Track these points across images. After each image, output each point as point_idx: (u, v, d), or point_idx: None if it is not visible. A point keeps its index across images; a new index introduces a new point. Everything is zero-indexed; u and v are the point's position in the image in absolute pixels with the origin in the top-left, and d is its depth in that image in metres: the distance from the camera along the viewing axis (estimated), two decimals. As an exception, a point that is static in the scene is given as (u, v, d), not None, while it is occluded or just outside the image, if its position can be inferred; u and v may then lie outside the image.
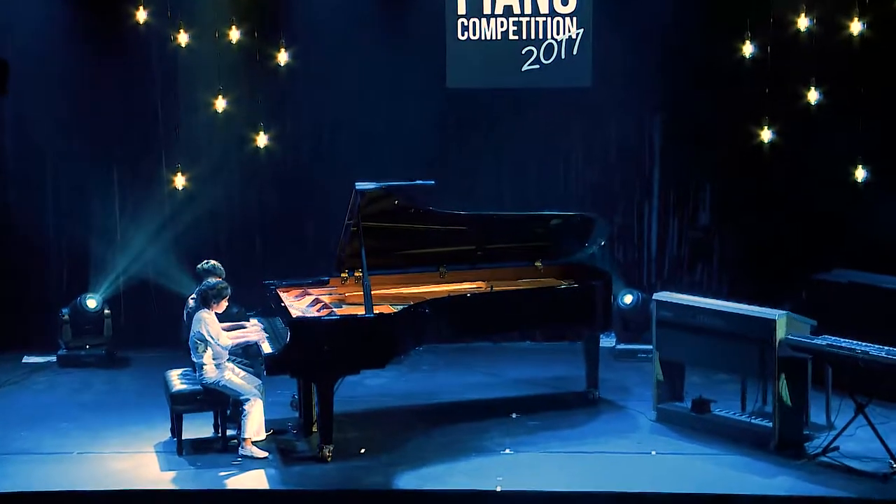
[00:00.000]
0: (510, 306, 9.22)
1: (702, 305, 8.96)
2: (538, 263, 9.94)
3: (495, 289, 9.48)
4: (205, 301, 8.48)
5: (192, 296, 8.79)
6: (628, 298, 11.26)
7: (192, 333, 8.49)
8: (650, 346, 9.45)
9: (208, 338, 8.40)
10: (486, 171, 11.89)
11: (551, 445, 8.69)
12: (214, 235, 11.69)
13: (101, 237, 11.64)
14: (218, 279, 8.70)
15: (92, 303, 11.31)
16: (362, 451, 8.61)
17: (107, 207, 11.67)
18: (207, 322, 8.43)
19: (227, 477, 8.22)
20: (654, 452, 8.56)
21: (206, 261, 9.11)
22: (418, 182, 8.85)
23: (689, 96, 11.45)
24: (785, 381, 8.43)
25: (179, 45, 11.34)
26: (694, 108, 11.48)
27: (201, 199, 11.66)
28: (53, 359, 11.34)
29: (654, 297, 9.31)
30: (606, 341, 11.32)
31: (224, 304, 8.55)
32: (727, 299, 9.32)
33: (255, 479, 8.17)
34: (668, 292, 9.47)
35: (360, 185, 8.58)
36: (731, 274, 11.77)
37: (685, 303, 9.07)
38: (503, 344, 11.86)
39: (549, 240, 9.80)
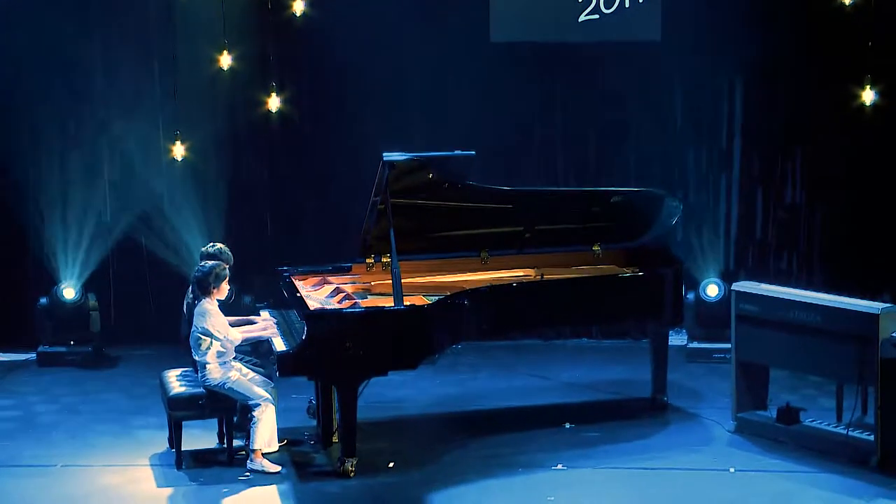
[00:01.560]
0: (563, 297, 9.20)
1: (790, 297, 8.89)
2: (596, 248, 9.92)
3: (546, 277, 9.47)
4: (202, 289, 8.51)
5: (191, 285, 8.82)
6: (713, 290, 11.22)
7: (193, 328, 8.52)
8: (728, 345, 9.43)
9: (214, 333, 8.43)
10: (536, 141, 11.87)
11: (611, 460, 8.67)
12: (219, 214, 11.73)
13: (86, 216, 11.72)
14: (218, 262, 8.72)
15: (69, 292, 11.38)
16: (390, 465, 8.63)
17: (94, 181, 11.74)
18: (211, 314, 8.46)
19: (234, 494, 8.25)
20: (732, 470, 8.52)
21: (210, 243, 9.16)
22: (457, 153, 8.85)
23: (777, 52, 11.37)
24: (889, 387, 8.36)
25: (177, -9, 11.43)
26: (782, 65, 11.39)
27: (204, 171, 11.71)
28: (32, 356, 11.45)
29: (733, 288, 9.26)
30: (676, 339, 11.31)
31: (225, 287, 8.58)
32: (821, 290, 9.26)
33: (267, 498, 8.20)
34: (750, 282, 9.42)
35: (389, 157, 8.58)
36: (825, 260, 11.71)
37: (770, 294, 9.01)
38: (555, 342, 11.89)
39: (609, 220, 9.77)
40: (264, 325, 8.88)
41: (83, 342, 11.41)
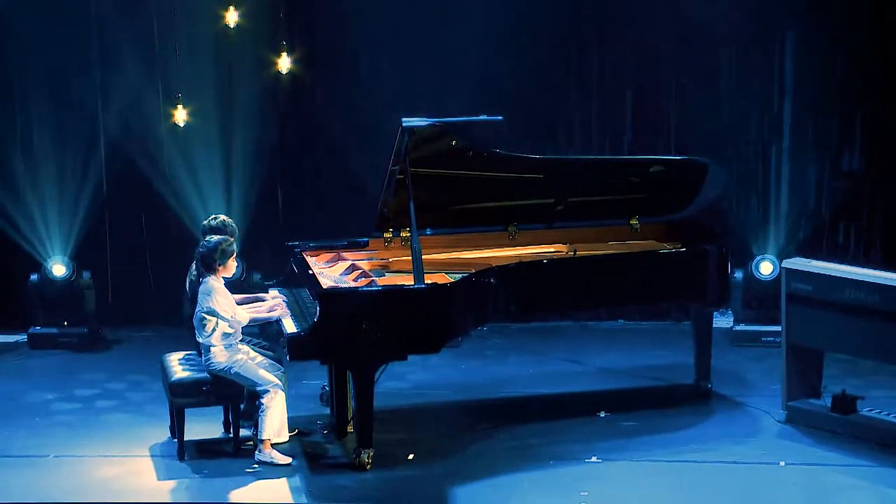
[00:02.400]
0: (598, 276, 9.19)
1: (848, 276, 8.85)
2: (634, 221, 9.91)
3: (579, 253, 9.46)
4: (207, 265, 8.51)
5: (195, 262, 8.83)
6: (767, 268, 11.19)
7: (197, 307, 8.54)
8: (778, 328, 9.41)
9: (221, 312, 8.44)
10: (569, 104, 11.84)
11: (650, 452, 8.67)
12: (225, 184, 11.74)
13: (79, 185, 11.74)
14: (224, 237, 8.71)
15: (59, 269, 11.41)
16: (410, 457, 8.64)
17: (87, 148, 11.75)
18: (217, 292, 8.47)
19: (240, 487, 8.27)
20: (782, 463, 8.50)
21: (213, 216, 9.14)
22: (482, 118, 8.83)
23: (833, 2, 11.27)
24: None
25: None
26: (839, 14, 11.29)
27: (207, 138, 11.72)
28: (23, 338, 11.50)
29: (784, 266, 9.23)
30: (722, 321, 11.28)
31: (232, 264, 8.58)
32: (880, 268, 9.19)
33: (276, 492, 8.21)
34: (802, 259, 9.38)
35: (408, 122, 8.55)
36: (885, 235, 11.66)
37: (825, 272, 8.97)
38: (589, 324, 11.91)
39: (648, 191, 9.75)
40: (273, 304, 8.88)
41: (77, 323, 11.46)
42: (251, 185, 11.85)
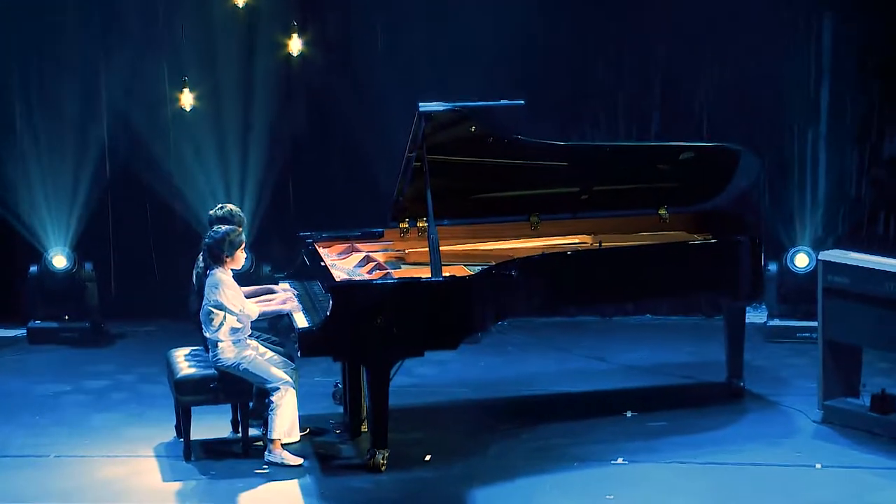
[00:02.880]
0: (625, 268, 9.18)
1: (888, 269, 8.81)
2: (663, 211, 9.90)
3: (604, 245, 9.46)
4: (215, 256, 8.51)
5: (201, 253, 8.84)
6: (802, 260, 11.18)
7: (204, 301, 8.55)
8: (814, 323, 9.40)
9: (229, 306, 8.45)
10: (593, 87, 11.82)
11: (679, 453, 8.65)
12: (233, 171, 11.76)
13: (81, 172, 11.76)
14: (233, 227, 8.71)
15: (60, 261, 11.44)
16: (427, 458, 8.64)
17: (90, 133, 11.77)
18: (225, 285, 8.47)
19: (249, 490, 8.28)
20: (819, 466, 8.48)
21: (220, 205, 9.14)
22: (503, 102, 8.82)
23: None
24: None
25: None
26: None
27: (215, 123, 11.73)
28: (23, 332, 11.53)
29: (820, 258, 9.20)
30: (755, 316, 11.26)
31: (241, 255, 8.58)
32: (922, 260, 9.19)
33: (286, 494, 8.22)
34: (840, 251, 9.34)
35: (426, 107, 8.54)
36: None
37: (864, 265, 8.93)
38: (615, 319, 11.91)
39: (678, 179, 9.73)
40: (284, 297, 8.89)
41: (79, 317, 11.49)
42: (261, 172, 11.87)
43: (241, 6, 11.27)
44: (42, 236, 11.67)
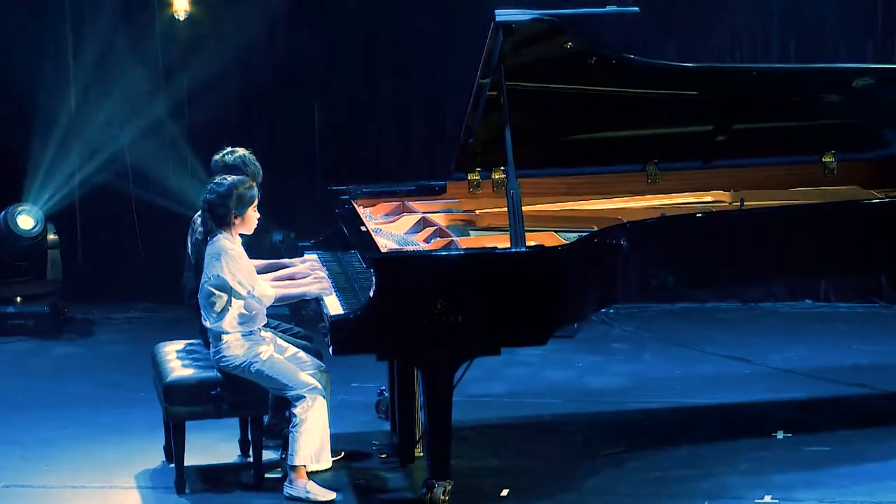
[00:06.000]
0: (776, 236, 9.15)
1: None
2: (828, 159, 9.90)
3: (748, 204, 9.46)
4: (218, 217, 8.51)
5: (200, 213, 8.87)
6: None
7: (203, 279, 8.58)
8: None
9: (235, 286, 8.47)
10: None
11: (848, 489, 8.59)
12: (242, 104, 11.81)
13: (48, 104, 11.88)
14: (242, 177, 8.73)
15: (27, 222, 11.54)
16: (504, 493, 8.65)
17: (56, 56, 11.93)
18: (231, 257, 8.49)
19: (264, 535, 8.37)
20: None
21: (228, 149, 9.16)
22: (611, 9, 8.80)
23: None
24: None
25: None
26: None
27: (220, 40, 11.81)
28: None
29: None
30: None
31: (253, 215, 8.58)
32: None
33: (313, 540, 8.31)
34: None
35: (504, 15, 8.51)
36: None
37: None
38: (761, 305, 11.91)
39: (849, 116, 9.72)
40: (310, 274, 8.91)
41: (35, 298, 11.56)
42: (279, 105, 11.92)
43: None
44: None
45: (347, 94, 12.06)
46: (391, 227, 9.19)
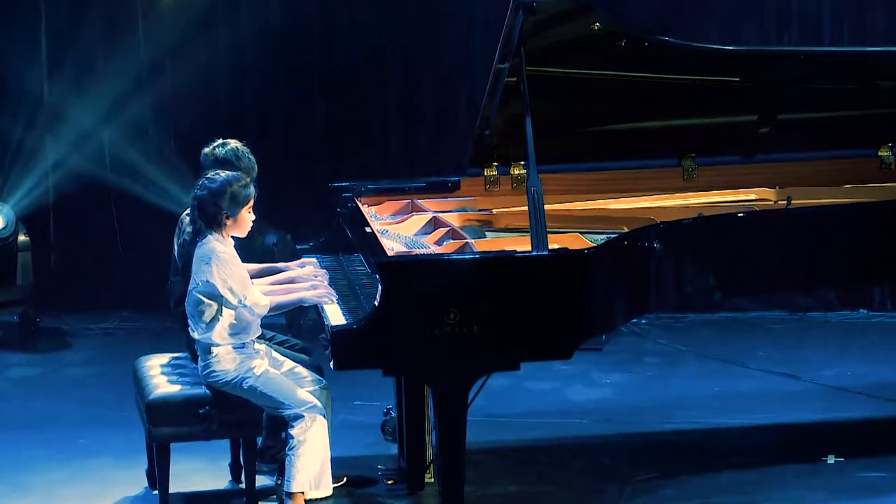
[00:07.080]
0: (827, 238, 9.14)
1: None
2: (885, 153, 9.90)
3: (795, 202, 9.46)
4: (208, 216, 8.51)
5: (188, 211, 8.88)
6: None
7: (191, 285, 8.59)
8: None
9: (225, 293, 8.48)
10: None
11: (908, 523, 8.65)
12: (236, 91, 11.84)
13: (21, 88, 11.92)
14: (237, 173, 8.74)
15: (-3, 220, 11.61)
16: (523, 523, 8.69)
17: (28, 34, 11.95)
18: (222, 261, 8.49)
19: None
20: None
21: (220, 141, 9.16)
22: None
23: None
24: None
25: None
26: None
27: (206, 18, 11.83)
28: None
29: None
30: None
31: (247, 217, 8.59)
32: None
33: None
34: None
35: (526, -7, 8.56)
36: None
37: None
38: (811, 315, 11.95)
39: (908, 104, 9.70)
40: (308, 280, 8.91)
41: (4, 306, 11.60)
42: (275, 90, 11.96)
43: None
44: None
45: (348, 79, 12.07)
46: (399, 228, 9.19)
